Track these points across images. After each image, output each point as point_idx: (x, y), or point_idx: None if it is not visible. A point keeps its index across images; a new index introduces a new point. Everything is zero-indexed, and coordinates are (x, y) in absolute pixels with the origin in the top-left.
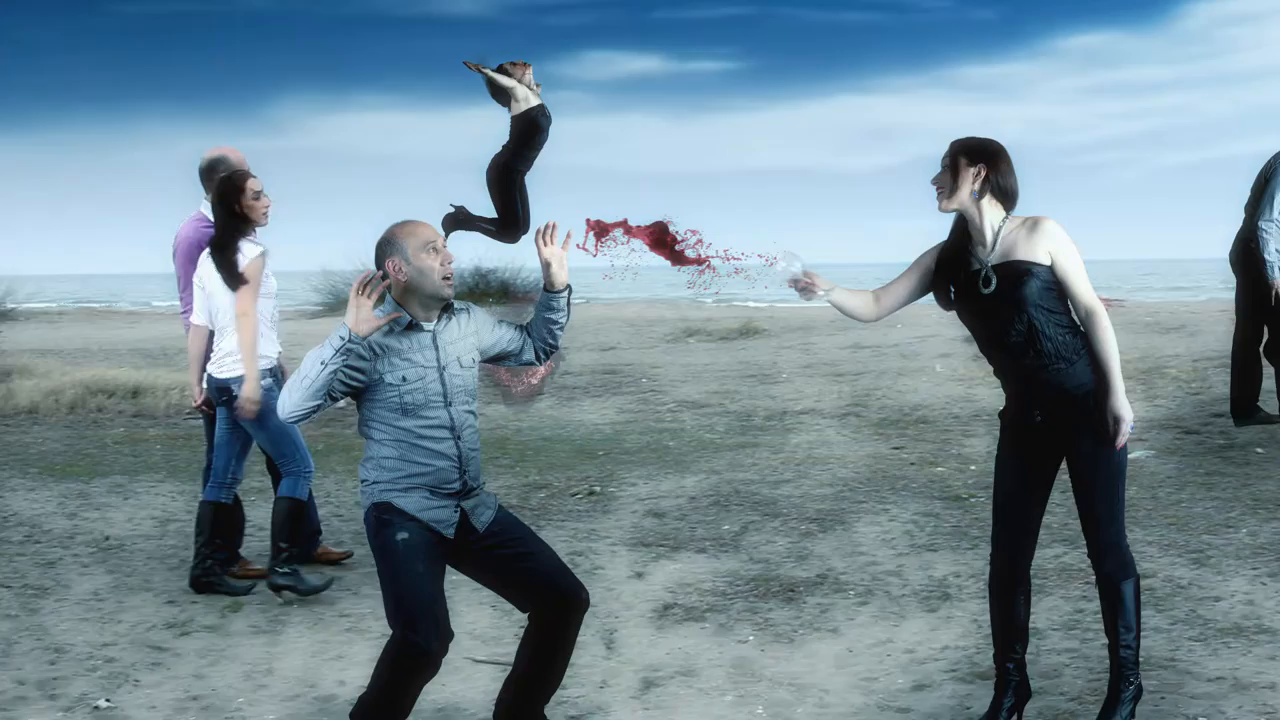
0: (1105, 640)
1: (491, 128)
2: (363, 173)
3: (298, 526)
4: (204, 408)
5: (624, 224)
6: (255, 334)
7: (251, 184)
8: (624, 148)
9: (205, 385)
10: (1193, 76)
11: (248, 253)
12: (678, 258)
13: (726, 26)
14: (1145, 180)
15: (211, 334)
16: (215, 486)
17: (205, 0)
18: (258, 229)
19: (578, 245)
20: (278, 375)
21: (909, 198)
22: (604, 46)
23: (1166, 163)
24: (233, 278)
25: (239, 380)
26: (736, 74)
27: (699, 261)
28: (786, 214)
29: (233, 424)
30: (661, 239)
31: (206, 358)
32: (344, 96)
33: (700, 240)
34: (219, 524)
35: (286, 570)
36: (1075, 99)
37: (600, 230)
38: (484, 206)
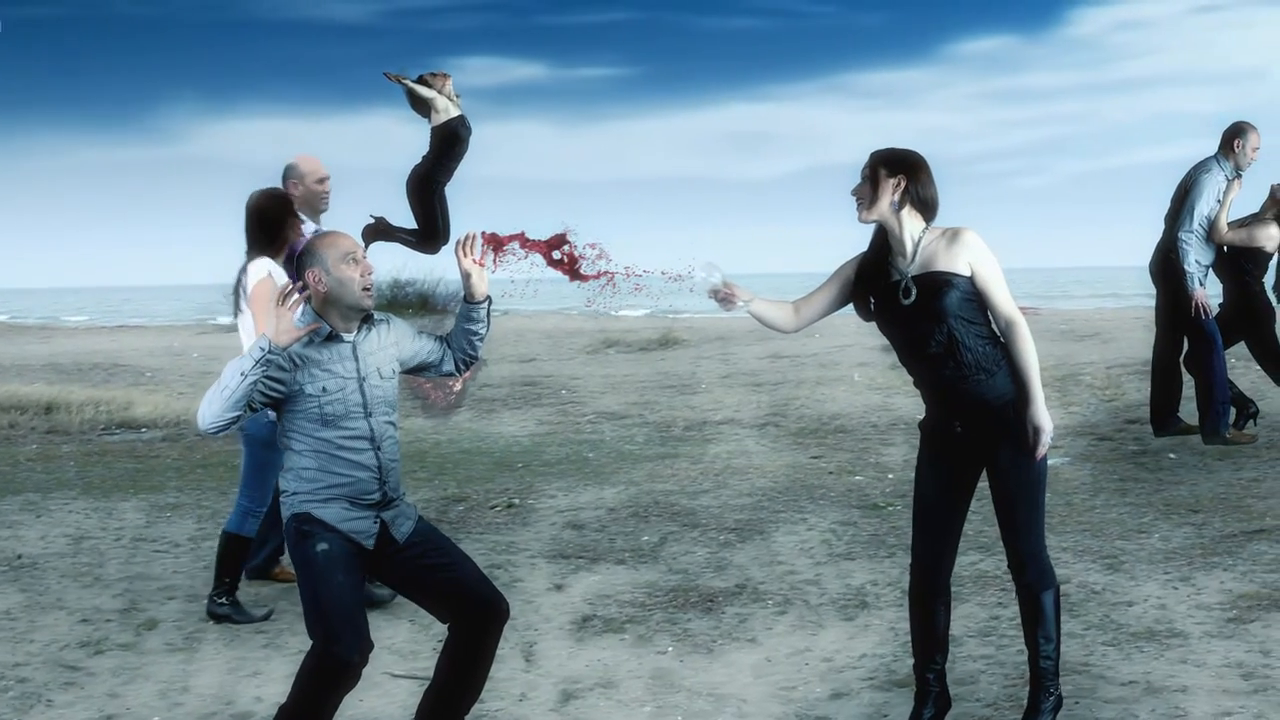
0: (1021, 647)
1: (383, 135)
2: (257, 181)
3: (240, 560)
4: None
5: (521, 237)
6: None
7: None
8: (512, 155)
9: None
10: (1088, 83)
11: (255, 272)
12: (576, 273)
13: (612, 33)
14: (1047, 189)
15: None
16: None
17: (80, 5)
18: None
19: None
20: None
21: (806, 206)
22: (488, 53)
23: (1068, 171)
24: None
25: None
26: (625, 81)
27: (599, 277)
28: (681, 223)
29: (250, 444)
30: (560, 253)
31: None
32: (230, 104)
33: (601, 255)
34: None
35: (224, 601)
36: (970, 106)
37: (496, 243)
38: (391, 215)
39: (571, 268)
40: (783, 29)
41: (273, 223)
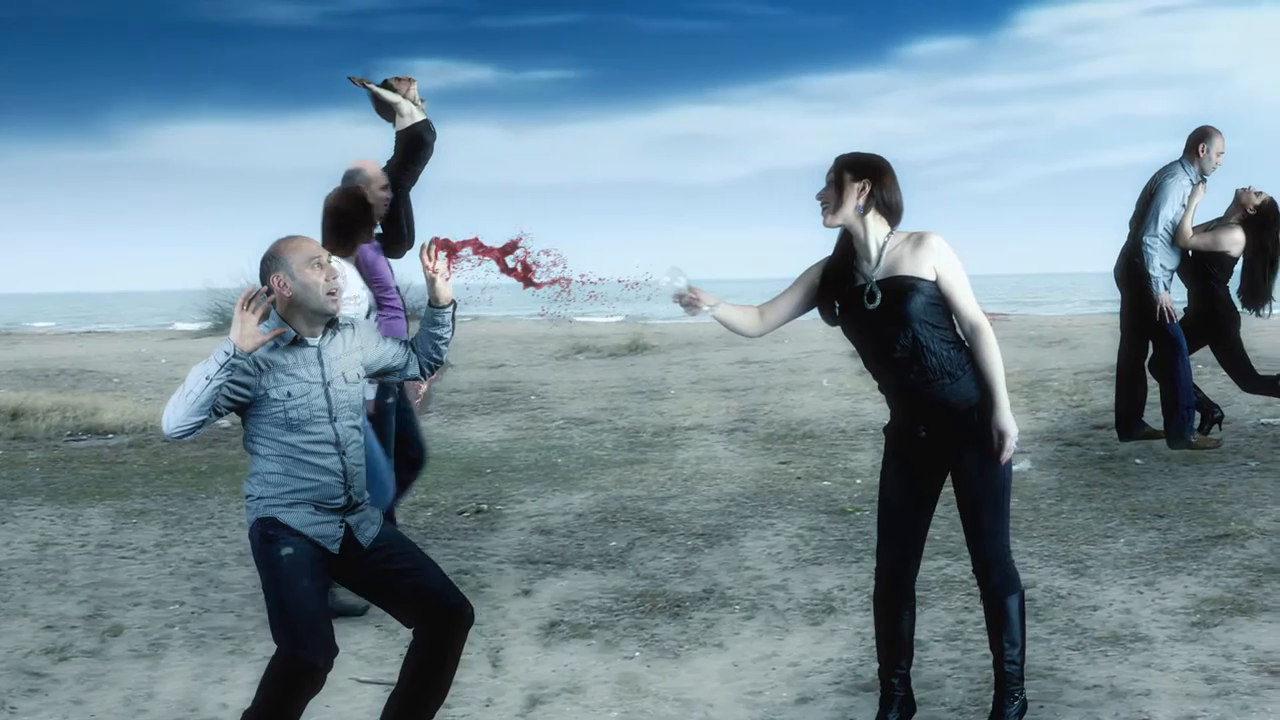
0: (987, 651)
1: (331, 137)
2: (208, 184)
3: None
4: None
5: (474, 242)
6: None
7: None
8: (463, 159)
9: None
10: (1041, 86)
11: None
12: (530, 281)
13: (558, 35)
14: (1003, 194)
15: None
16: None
17: (22, 6)
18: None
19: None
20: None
21: (759, 210)
22: (435, 55)
23: (1024, 175)
24: None
25: None
26: (574, 84)
27: (554, 284)
28: (633, 227)
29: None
30: (514, 260)
31: None
32: (178, 107)
33: (556, 261)
34: None
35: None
36: (922, 109)
37: (449, 249)
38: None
39: (525, 275)
40: (732, 31)
41: (351, 223)
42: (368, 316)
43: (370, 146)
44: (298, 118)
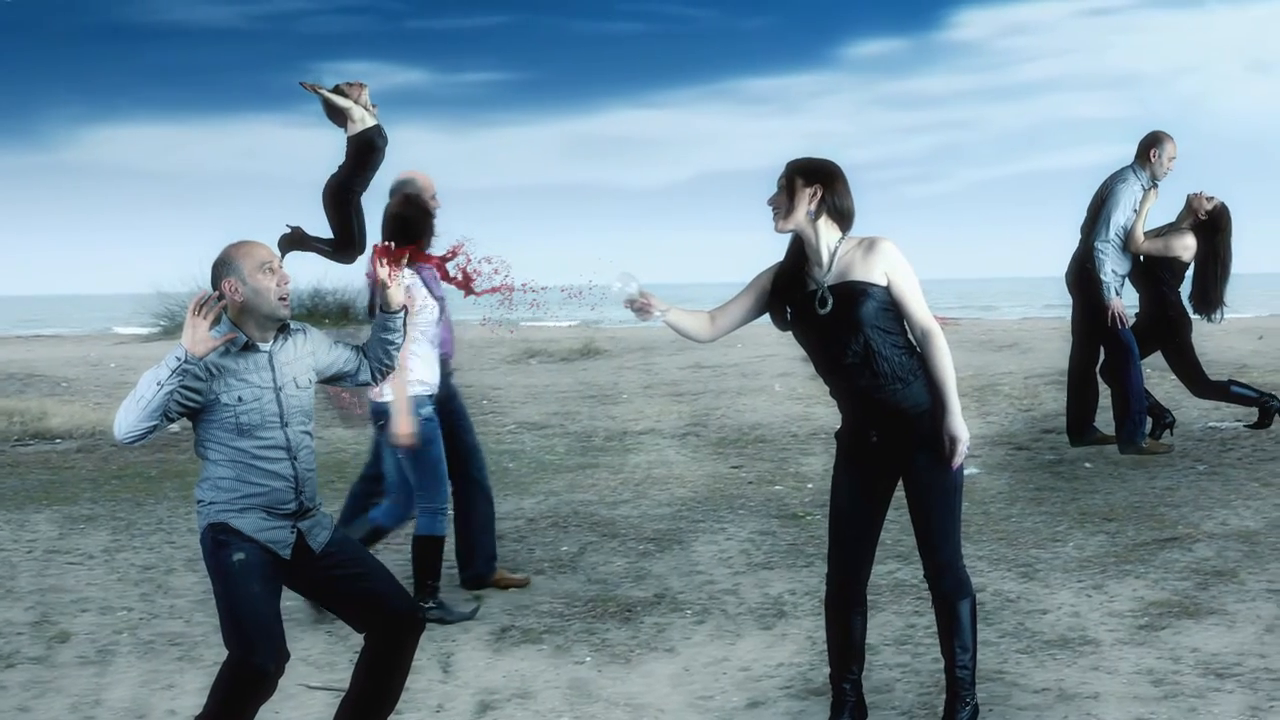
0: (937, 655)
1: (259, 140)
2: (140, 188)
3: (438, 561)
4: None
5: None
6: (404, 363)
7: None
8: (400, 162)
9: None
10: (979, 88)
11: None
12: (471, 289)
13: (489, 37)
14: (945, 198)
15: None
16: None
17: None
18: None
19: (366, 275)
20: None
21: (697, 214)
22: (366, 58)
23: (966, 179)
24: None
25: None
26: (507, 86)
27: (495, 292)
28: (571, 231)
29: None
30: (455, 267)
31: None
32: (108, 110)
33: (497, 269)
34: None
35: (433, 605)
36: (859, 112)
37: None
38: (307, 224)
39: (466, 284)
40: (662, 33)
41: (411, 228)
42: (437, 324)
43: (305, 150)
44: (227, 120)
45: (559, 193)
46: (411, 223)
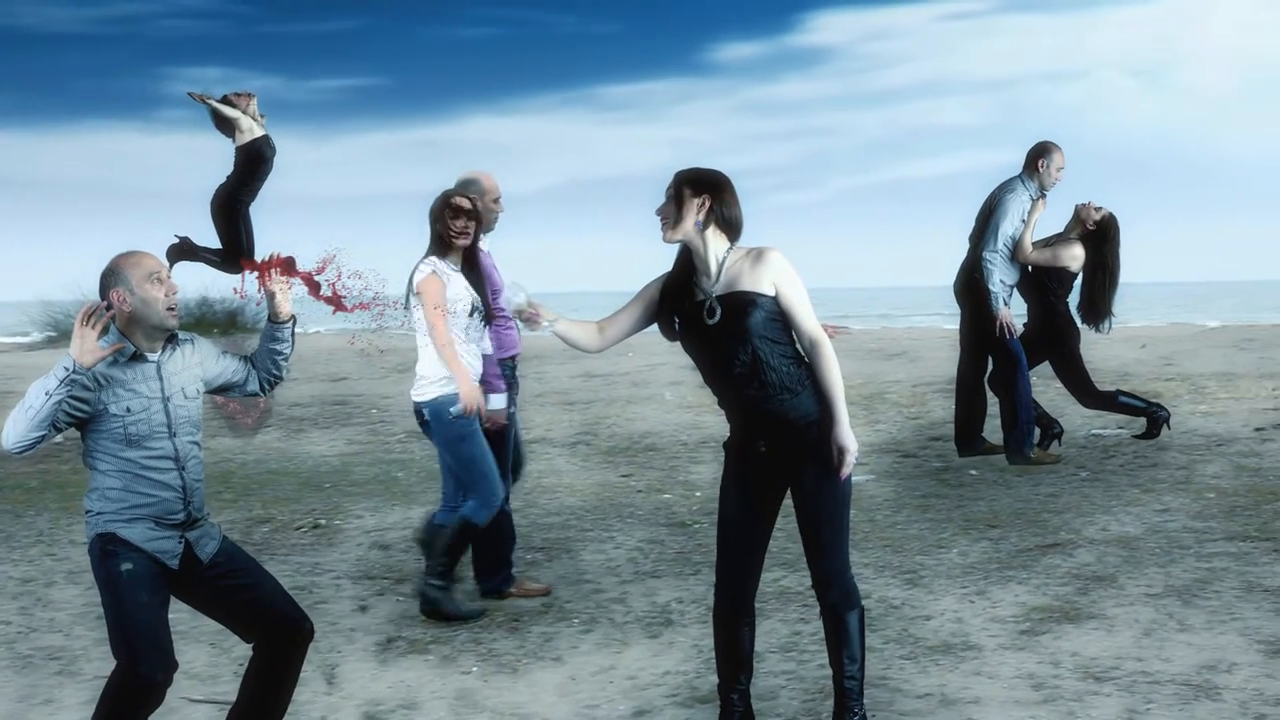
0: (823, 662)
1: (126, 148)
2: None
3: (464, 549)
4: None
5: (284, 263)
6: (451, 349)
7: (457, 221)
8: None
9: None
10: (843, 94)
11: (421, 270)
12: (341, 306)
13: (342, 42)
14: (816, 205)
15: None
16: (445, 510)
17: None
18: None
19: (234, 289)
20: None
21: (564, 221)
22: (219, 63)
23: (836, 186)
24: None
25: (428, 405)
26: (363, 93)
27: (366, 308)
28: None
29: (441, 445)
30: (325, 282)
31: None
32: None
33: (367, 285)
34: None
35: (440, 584)
36: (721, 119)
37: (257, 269)
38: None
39: (336, 301)
40: (517, 39)
41: (434, 223)
42: (470, 318)
43: (167, 158)
44: (79, 127)
45: (422, 201)
46: (434, 217)
